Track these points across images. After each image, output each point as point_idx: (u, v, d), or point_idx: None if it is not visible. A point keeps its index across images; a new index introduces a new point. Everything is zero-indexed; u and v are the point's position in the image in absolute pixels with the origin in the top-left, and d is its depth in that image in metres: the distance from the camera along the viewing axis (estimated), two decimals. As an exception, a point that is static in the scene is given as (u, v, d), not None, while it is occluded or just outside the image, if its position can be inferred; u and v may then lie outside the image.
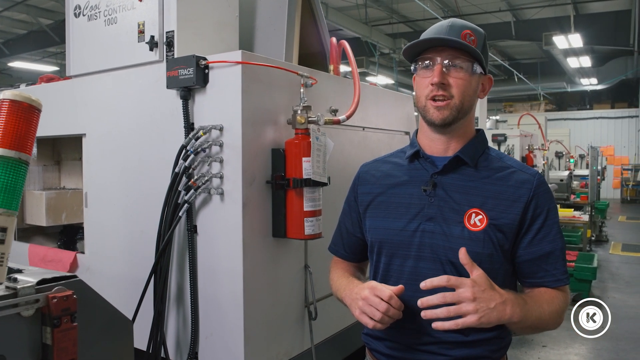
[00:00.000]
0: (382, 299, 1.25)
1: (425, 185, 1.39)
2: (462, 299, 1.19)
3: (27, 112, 0.91)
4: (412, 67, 1.44)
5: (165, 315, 1.98)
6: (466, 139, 1.43)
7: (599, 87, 16.92)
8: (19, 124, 0.90)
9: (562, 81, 16.53)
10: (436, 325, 1.22)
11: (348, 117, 2.05)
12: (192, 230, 1.92)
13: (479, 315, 1.18)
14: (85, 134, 2.35)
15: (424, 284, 1.21)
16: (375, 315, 1.26)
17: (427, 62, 1.36)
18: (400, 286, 1.27)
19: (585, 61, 13.58)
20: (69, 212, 2.71)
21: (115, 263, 2.21)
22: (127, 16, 2.27)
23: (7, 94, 0.96)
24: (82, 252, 2.42)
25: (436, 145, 1.43)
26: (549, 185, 1.77)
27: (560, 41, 11.10)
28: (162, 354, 1.93)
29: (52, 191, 2.67)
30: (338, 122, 2.02)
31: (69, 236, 2.89)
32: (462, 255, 1.23)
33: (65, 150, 2.97)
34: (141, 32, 2.23)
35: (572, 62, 13.75)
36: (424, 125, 1.44)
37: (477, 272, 1.22)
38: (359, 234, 1.56)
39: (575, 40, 11.03)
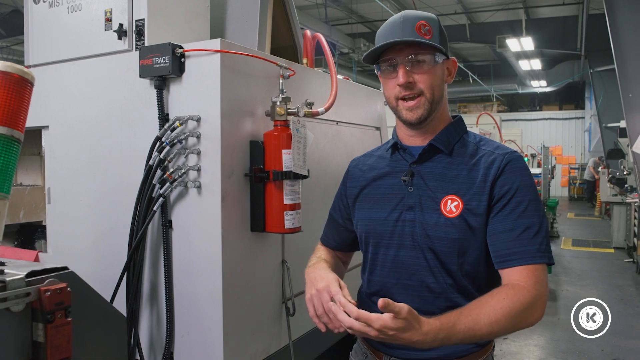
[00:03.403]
0: (330, 299, 1.24)
1: (404, 176, 1.42)
2: (367, 332, 1.12)
3: (19, 85, 0.81)
4: (375, 69, 1.45)
5: (138, 315, 1.90)
6: (442, 127, 1.45)
7: (548, 89, 17.63)
8: (10, 97, 0.80)
9: (513, 83, 17.09)
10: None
11: (327, 109, 2.03)
12: (167, 225, 1.84)
13: (380, 339, 1.14)
14: (47, 126, 2.23)
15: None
16: (318, 309, 1.27)
17: (389, 63, 1.38)
18: (356, 310, 1.15)
19: (536, 64, 14.08)
20: (27, 209, 2.55)
21: (83, 261, 2.10)
22: (92, 3, 2.16)
23: None
24: (43, 251, 2.30)
25: (414, 138, 1.46)
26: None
27: (513, 44, 11.47)
28: (137, 356, 1.84)
29: (8, 188, 2.51)
30: (317, 114, 1.99)
31: (27, 235, 2.72)
32: (381, 304, 1.08)
33: (22, 145, 2.81)
34: (108, 20, 2.13)
35: (524, 65, 14.23)
36: (400, 122, 1.46)
37: (395, 314, 1.09)
38: (348, 226, 1.60)
39: (527, 43, 11.44)
